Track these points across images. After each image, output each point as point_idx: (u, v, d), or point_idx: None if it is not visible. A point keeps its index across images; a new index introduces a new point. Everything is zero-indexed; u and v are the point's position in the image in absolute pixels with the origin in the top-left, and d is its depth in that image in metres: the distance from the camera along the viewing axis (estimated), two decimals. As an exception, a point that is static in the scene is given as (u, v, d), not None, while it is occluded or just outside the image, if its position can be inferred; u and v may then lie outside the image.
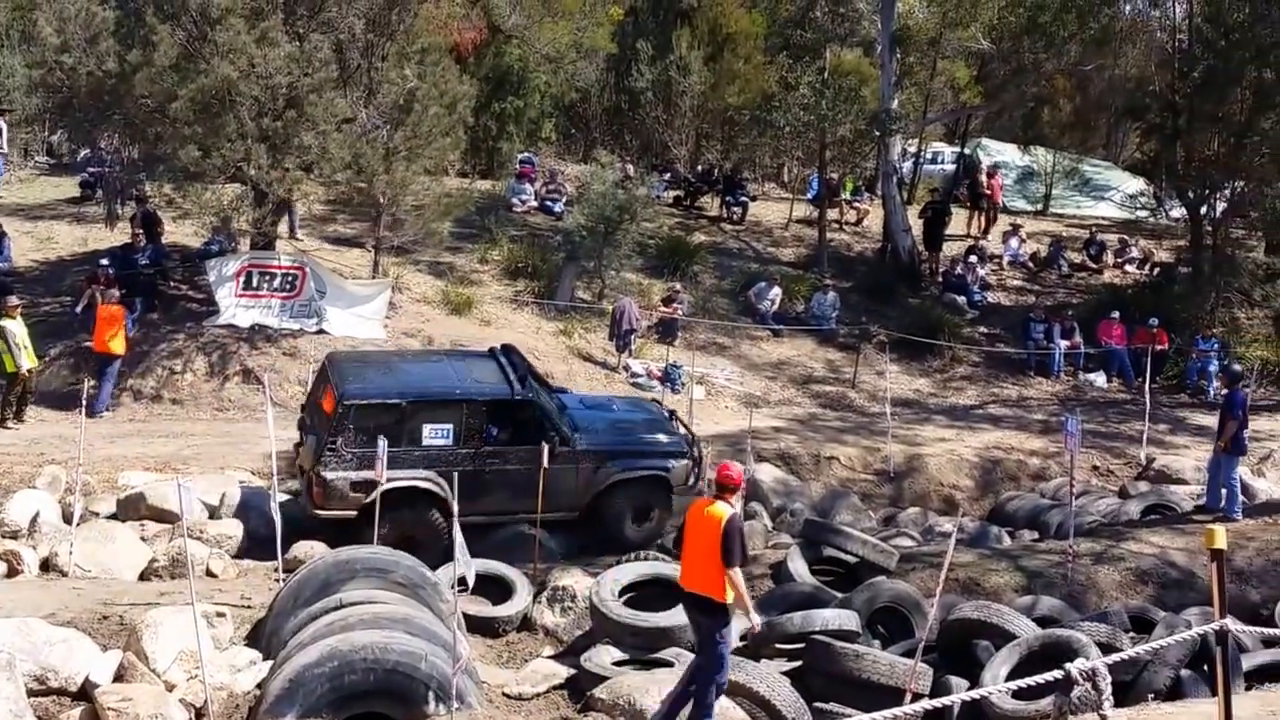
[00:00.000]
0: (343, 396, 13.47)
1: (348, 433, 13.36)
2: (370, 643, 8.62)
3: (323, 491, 13.37)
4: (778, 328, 24.64)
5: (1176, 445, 20.12)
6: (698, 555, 8.88)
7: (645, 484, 14.69)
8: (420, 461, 13.55)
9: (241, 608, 10.87)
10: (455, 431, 13.74)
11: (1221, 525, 8.35)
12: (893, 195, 27.78)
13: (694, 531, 8.98)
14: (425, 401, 13.77)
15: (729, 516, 8.75)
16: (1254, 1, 24.65)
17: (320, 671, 8.43)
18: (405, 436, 13.48)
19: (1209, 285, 25.70)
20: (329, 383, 13.99)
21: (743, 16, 31.64)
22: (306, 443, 14.04)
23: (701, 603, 8.83)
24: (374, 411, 13.47)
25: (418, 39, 21.42)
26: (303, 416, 14.97)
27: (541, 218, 27.77)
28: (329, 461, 13.33)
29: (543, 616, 12.25)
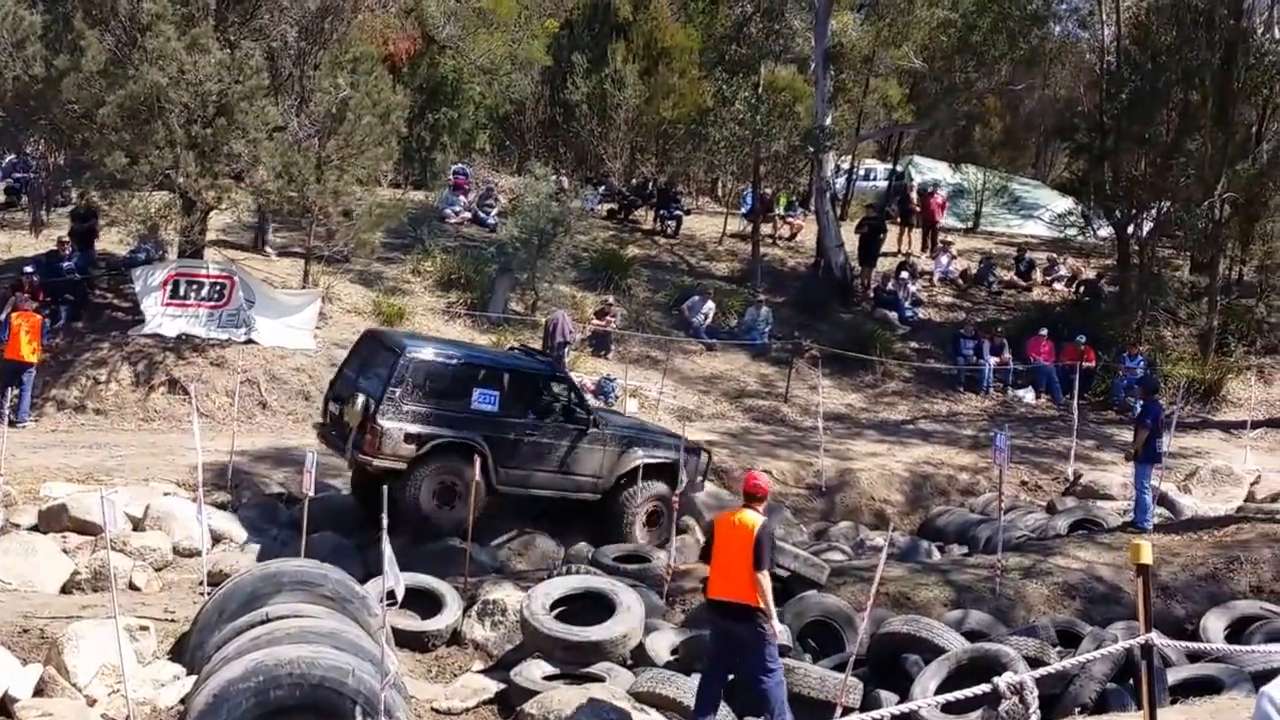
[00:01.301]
0: (404, 350, 14.08)
1: (406, 385, 13.88)
2: (296, 657, 8.44)
3: (377, 440, 13.70)
4: (711, 341, 24.68)
5: (1104, 461, 20.36)
6: (729, 564, 9.00)
7: (661, 474, 15.09)
8: (467, 423, 14.13)
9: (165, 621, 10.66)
10: (501, 398, 14.37)
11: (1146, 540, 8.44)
12: (826, 211, 27.97)
13: (724, 540, 9.09)
14: (477, 365, 14.64)
15: (761, 524, 8.97)
16: (1181, 24, 25.10)
17: (245, 686, 8.24)
18: (456, 397, 14.17)
19: (1135, 303, 26.10)
20: (383, 344, 14.69)
21: (678, 31, 31.79)
22: (354, 402, 14.09)
23: (736, 610, 8.96)
24: (432, 368, 14.15)
25: (351, 48, 21.25)
26: (333, 390, 15.23)
27: (475, 229, 27.64)
28: (386, 411, 13.73)
29: (473, 630, 12.11)
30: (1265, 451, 21.79)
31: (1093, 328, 25.03)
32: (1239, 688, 10.18)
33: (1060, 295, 29.01)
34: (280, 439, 17.74)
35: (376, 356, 14.62)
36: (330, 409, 15.01)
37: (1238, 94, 25.32)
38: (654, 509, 15.23)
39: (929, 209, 31.06)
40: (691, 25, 32.69)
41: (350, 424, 14.12)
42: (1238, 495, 18.75)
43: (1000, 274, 29.74)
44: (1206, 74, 24.98)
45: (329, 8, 20.72)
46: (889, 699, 10.30)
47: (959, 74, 28.62)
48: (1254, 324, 25.65)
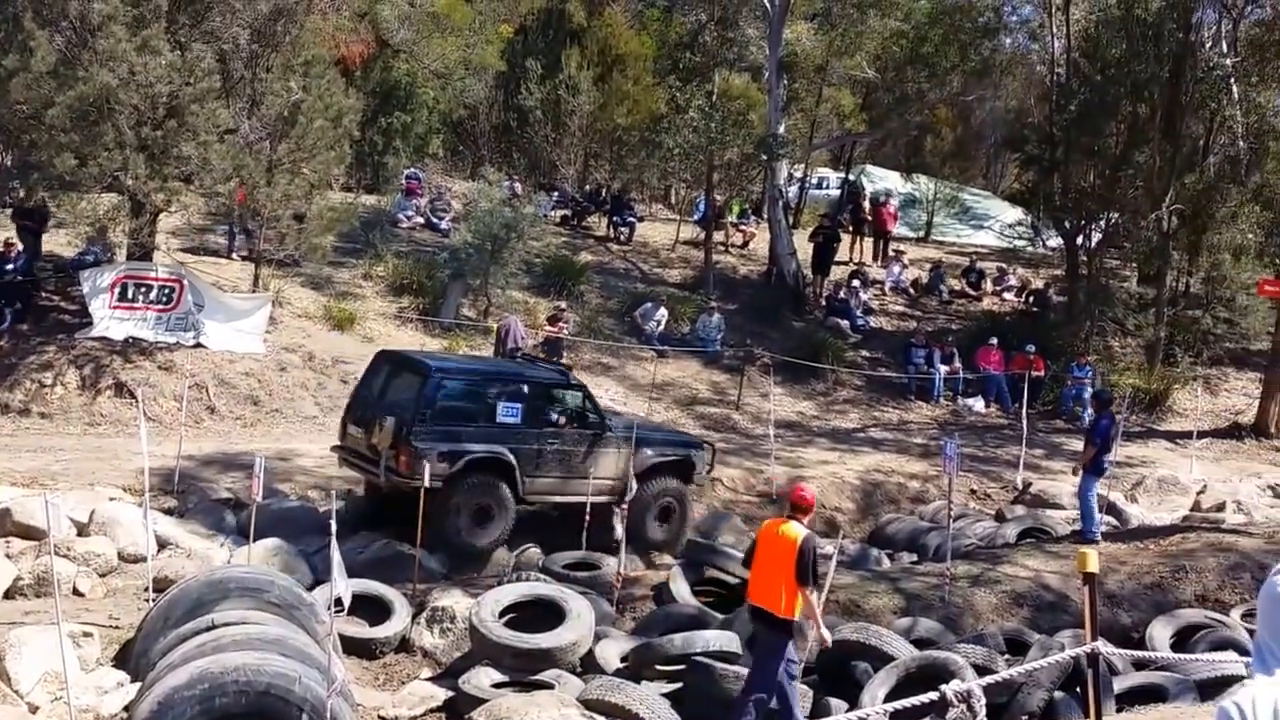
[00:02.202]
0: (432, 370, 14.52)
1: (436, 405, 14.27)
2: (242, 665, 8.37)
3: (412, 461, 13.87)
4: (663, 348, 24.68)
5: (1052, 470, 20.54)
6: (768, 571, 9.31)
7: (675, 470, 15.63)
8: (494, 437, 14.49)
9: (109, 628, 10.57)
10: (524, 410, 14.68)
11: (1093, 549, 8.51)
12: (779, 219, 28.07)
13: (766, 548, 9.42)
14: (501, 380, 15.16)
15: (804, 537, 9.21)
16: (1130, 38, 25.41)
17: (190, 694, 8.17)
18: (482, 412, 14.60)
19: (1084, 314, 26.37)
20: (406, 366, 15.09)
21: (632, 38, 31.81)
22: (383, 425, 14.28)
23: (766, 616, 9.28)
24: (459, 385, 14.77)
25: (303, 51, 21.09)
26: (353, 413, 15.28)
27: (427, 234, 27.50)
28: (419, 432, 14.00)
29: (421, 638, 12.04)
30: (1211, 461, 22.08)
31: (1042, 337, 25.26)
32: (1184, 696, 10.29)
33: (1010, 305, 29.25)
34: (228, 444, 17.57)
35: (400, 378, 14.98)
36: (350, 431, 15.10)
37: (1185, 107, 25.67)
38: (666, 505, 15.62)
39: (881, 218, 31.24)
40: (646, 33, 32.72)
41: (381, 446, 14.28)
42: (1183, 505, 18.97)
43: (951, 283, 29.94)
44: (1155, 87, 25.31)
45: (281, 10, 20.56)
46: (838, 707, 10.33)
47: (911, 84, 28.85)
48: (1200, 335, 25.97)
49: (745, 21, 29.11)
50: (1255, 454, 23.01)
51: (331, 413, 18.86)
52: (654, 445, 15.62)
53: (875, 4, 27.82)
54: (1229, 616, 12.72)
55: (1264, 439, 23.51)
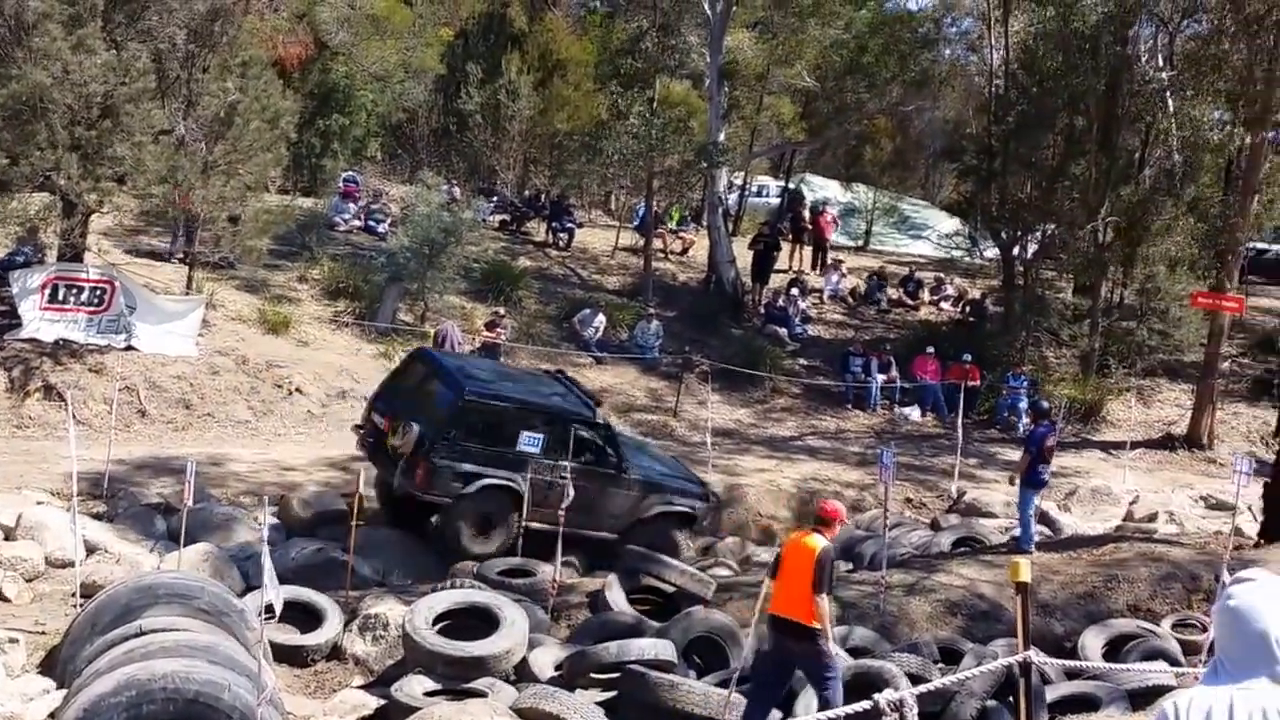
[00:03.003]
0: (465, 392, 14.51)
1: (462, 426, 14.38)
2: (170, 672, 8.22)
3: (428, 476, 14.13)
4: (601, 355, 24.61)
5: (987, 479, 20.69)
6: (792, 583, 9.44)
7: (677, 520, 15.70)
8: (511, 464, 14.57)
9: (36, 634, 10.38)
10: (545, 441, 14.70)
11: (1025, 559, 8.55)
12: (718, 226, 28.13)
13: (790, 561, 9.56)
14: (529, 409, 15.06)
15: (823, 548, 9.39)
16: (1067, 51, 25.67)
17: (117, 701, 8.02)
18: (505, 439, 14.64)
19: (1019, 324, 26.60)
20: (442, 376, 15.11)
21: (573, 43, 31.79)
22: (408, 431, 14.36)
23: (793, 628, 9.41)
24: (489, 410, 14.74)
25: (240, 52, 20.87)
26: (380, 402, 15.40)
27: (364, 237, 27.27)
28: (441, 450, 14.16)
29: (353, 645, 11.90)
30: (1143, 472, 22.34)
31: (978, 347, 25.43)
32: (1115, 705, 10.36)
33: (947, 315, 29.47)
34: (160, 448, 17.32)
35: (434, 387, 15.12)
36: (375, 418, 15.20)
37: (1122, 120, 25.99)
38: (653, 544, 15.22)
39: (820, 227, 31.38)
40: (587, 38, 32.70)
41: (401, 450, 14.39)
42: (1116, 515, 19.16)
43: (889, 292, 30.14)
44: (1092, 100, 25.58)
45: (218, 11, 20.32)
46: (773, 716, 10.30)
47: (850, 94, 29.03)
48: (1134, 346, 26.25)
49: (687, 29, 29.15)
50: (1187, 465, 23.31)
51: (265, 417, 18.64)
52: (663, 493, 15.68)
53: (816, 13, 27.96)
54: (1160, 626, 12.83)
55: (1196, 450, 23.80)
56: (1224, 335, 24.85)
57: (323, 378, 20.47)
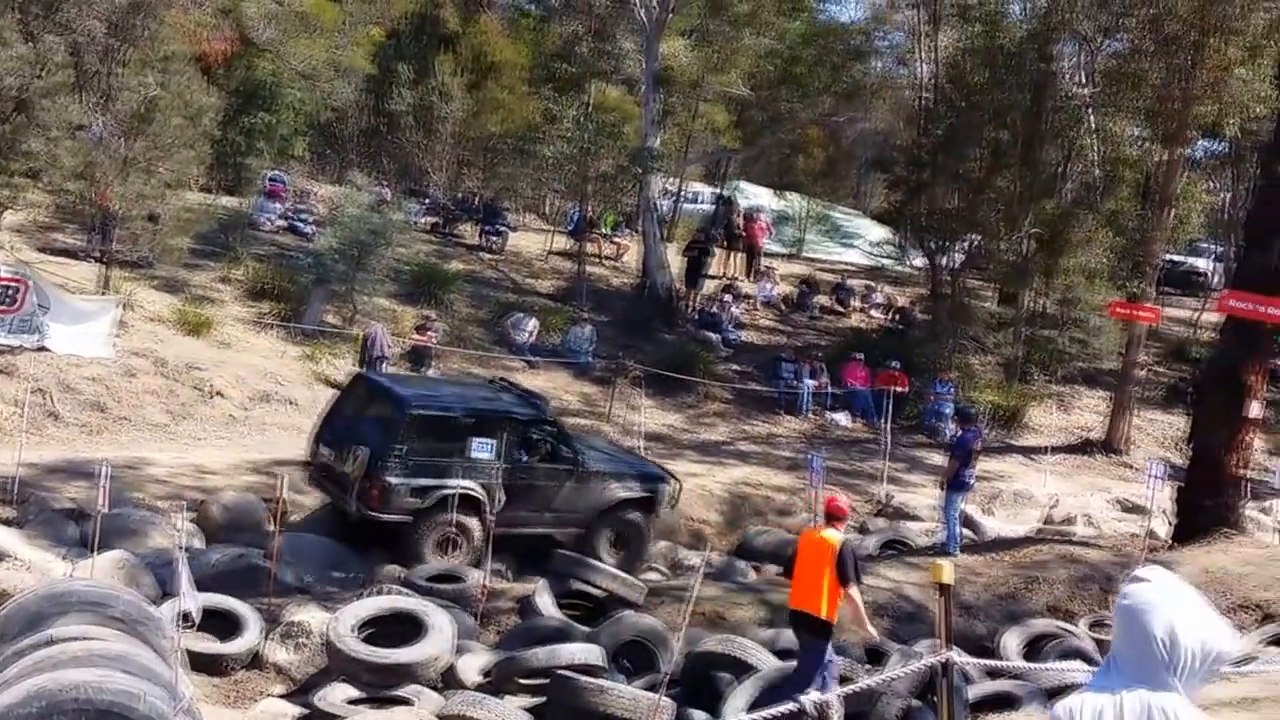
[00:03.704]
0: (408, 405, 14.46)
1: (410, 440, 14.20)
2: (82, 682, 7.97)
3: (382, 495, 14.00)
4: (533, 359, 24.49)
5: (913, 483, 20.84)
6: (808, 577, 9.74)
7: (641, 505, 15.73)
8: (466, 472, 14.47)
9: (-62, 645, 9.96)
10: (497, 446, 14.55)
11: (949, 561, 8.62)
12: (652, 232, 28.12)
13: (806, 555, 9.89)
14: (475, 415, 14.90)
15: (842, 542, 9.72)
16: (993, 66, 26.03)
17: (26, 713, 7.75)
18: (456, 448, 14.44)
19: (946, 332, 26.87)
20: (382, 395, 15.15)
21: (507, 46, 31.65)
22: (355, 455, 14.28)
23: (809, 620, 9.67)
24: (434, 421, 14.58)
25: (162, 46, 20.56)
26: (325, 433, 15.22)
27: (290, 238, 26.92)
28: (392, 467, 14.01)
29: (274, 653, 11.67)
30: (1062, 476, 22.64)
31: (905, 354, 25.67)
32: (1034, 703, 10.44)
33: (876, 322, 29.71)
34: (72, 451, 16.89)
35: (375, 407, 15.09)
36: (321, 451, 15.03)
37: (1044, 135, 26.38)
38: (622, 532, 15.60)
39: (752, 234, 31.51)
40: (521, 41, 32.56)
41: (352, 475, 14.27)
42: (1036, 518, 19.40)
43: (820, 300, 30.31)
44: (1016, 114, 25.94)
45: (139, 3, 20.06)
46: (701, 718, 10.27)
47: (783, 103, 29.20)
48: (1055, 354, 26.64)
49: (621, 34, 29.13)
50: (1104, 469, 23.69)
51: (183, 420, 18.29)
52: (623, 480, 15.72)
53: (750, 22, 28.04)
54: (1077, 626, 13.00)
55: (1112, 455, 24.22)
56: (1140, 344, 25.32)
57: (245, 381, 20.14)
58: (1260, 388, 14.98)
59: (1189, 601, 2.89)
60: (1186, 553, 14.27)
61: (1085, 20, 26.53)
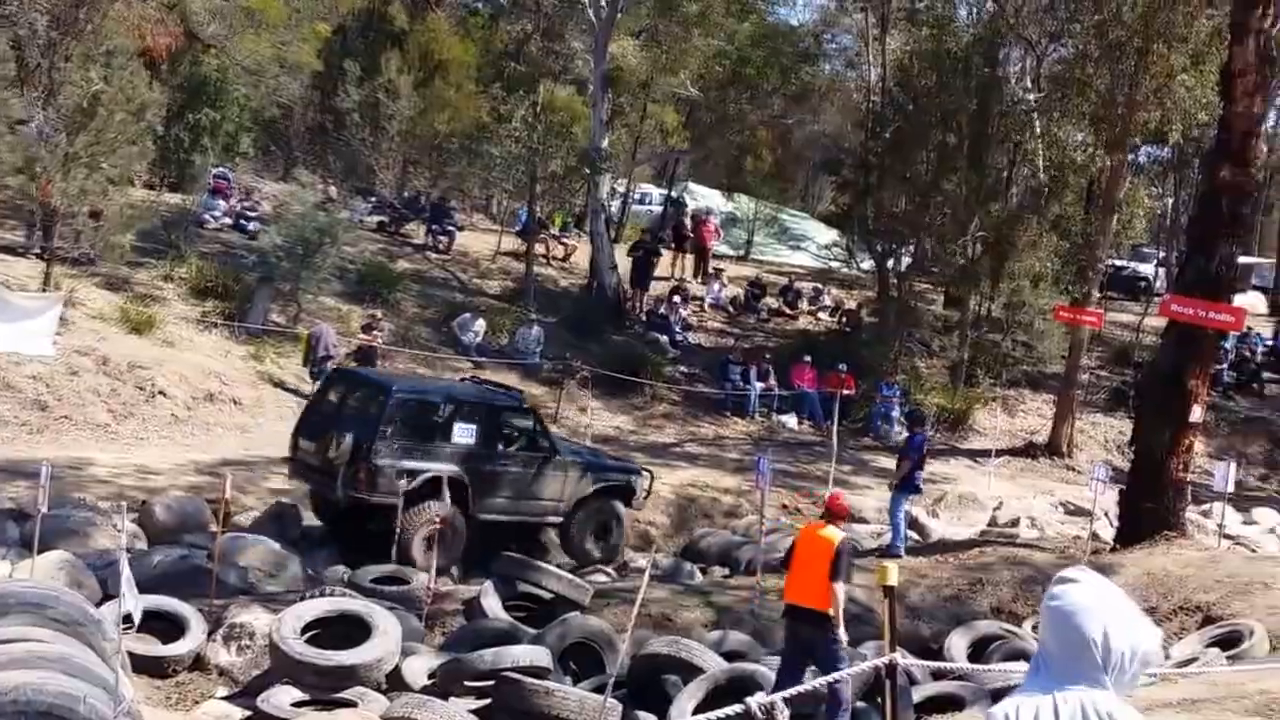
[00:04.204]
0: (393, 390, 14.89)
1: (396, 424, 14.57)
2: (22, 684, 7.84)
3: (372, 478, 14.25)
4: (480, 360, 24.37)
5: (860, 486, 20.95)
6: (807, 573, 9.95)
7: (615, 494, 16.32)
8: (450, 457, 14.88)
9: (-128, 648, 9.77)
10: (478, 431, 15.08)
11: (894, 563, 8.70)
12: (600, 233, 28.09)
13: (805, 551, 10.07)
14: (458, 402, 15.40)
15: (842, 539, 9.96)
16: (941, 70, 26.26)
17: (-35, 714, 7.64)
18: (439, 432, 14.92)
19: (893, 334, 27.06)
20: (366, 385, 15.68)
21: (456, 44, 31.48)
22: (341, 442, 14.59)
23: (810, 615, 9.89)
24: (419, 406, 15.09)
25: (106, 40, 20.28)
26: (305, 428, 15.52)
27: (235, 236, 26.62)
28: (380, 450, 14.30)
29: (217, 655, 11.55)
30: (1007, 479, 22.86)
31: (853, 356, 25.79)
32: (979, 704, 10.51)
33: (824, 324, 29.84)
34: (13, 451, 16.65)
35: (359, 396, 15.49)
36: (302, 446, 15.34)
37: (991, 139, 26.68)
38: (603, 522, 16.26)
39: (702, 235, 31.55)
40: (470, 39, 32.42)
41: (338, 463, 14.52)
42: (981, 520, 19.56)
43: (768, 301, 30.41)
44: (963, 119, 26.20)
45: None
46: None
47: (733, 104, 29.28)
48: (1000, 358, 26.90)
49: (571, 34, 29.11)
50: (1048, 472, 23.95)
51: (126, 420, 18.06)
52: (599, 471, 16.27)
53: (700, 23, 28.11)
54: (1021, 628, 13.09)
55: (1056, 458, 24.50)
56: (1084, 348, 25.62)
57: (188, 380, 19.91)
58: (1202, 392, 15.11)
59: (1119, 603, 2.89)
60: (1129, 555, 14.43)
61: (1031, 26, 26.88)
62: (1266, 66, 14.72)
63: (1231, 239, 14.95)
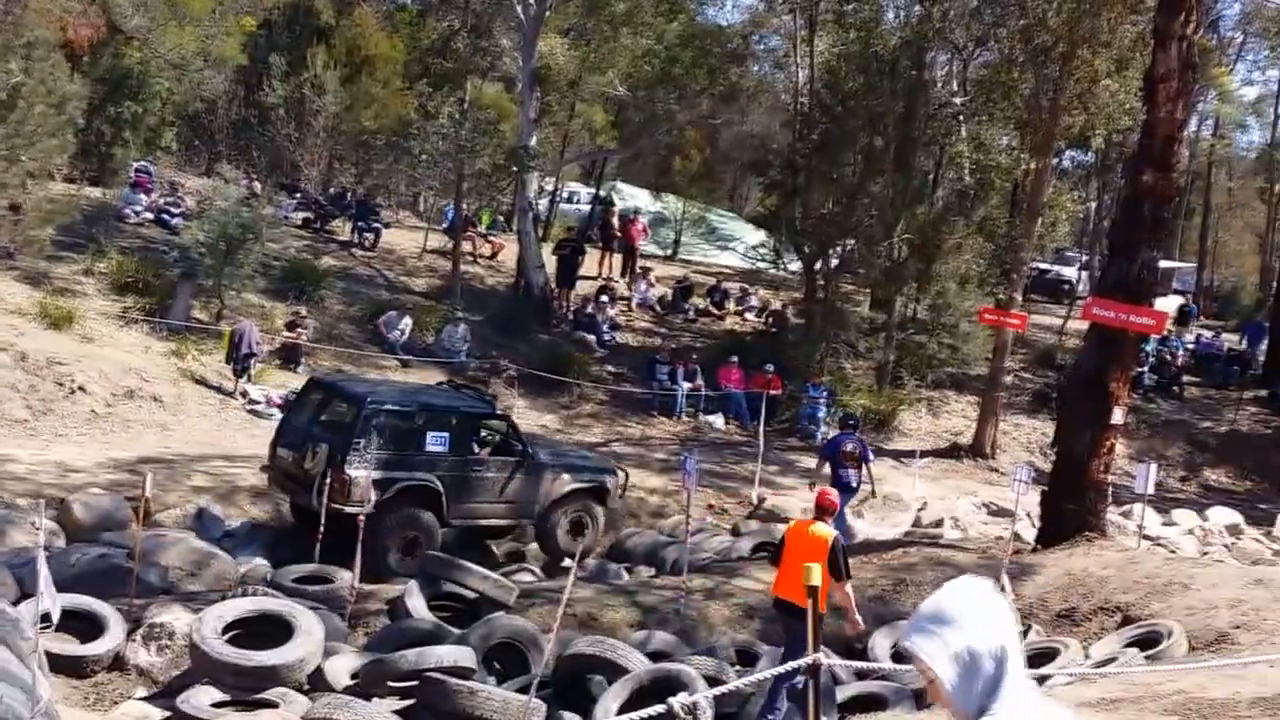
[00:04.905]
0: (366, 400, 15.01)
1: (370, 434, 14.65)
2: (-66, 684, 7.68)
3: (346, 487, 14.36)
4: (406, 358, 24.22)
5: (785, 486, 21.07)
6: (797, 569, 9.69)
7: (590, 494, 16.54)
8: (423, 465, 15.07)
9: None
10: (451, 439, 15.27)
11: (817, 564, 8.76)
12: (528, 231, 28.01)
13: (795, 547, 10.20)
14: (431, 410, 15.63)
15: (835, 536, 10.09)
16: (868, 73, 26.46)
17: (-126, 717, 7.45)
18: (413, 441, 15.09)
19: (819, 336, 27.22)
20: (340, 395, 15.79)
21: (383, 40, 31.27)
22: (316, 452, 14.84)
23: (797, 610, 9.60)
24: (392, 416, 15.19)
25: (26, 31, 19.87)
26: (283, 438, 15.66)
27: (157, 231, 26.22)
28: (353, 460, 14.39)
29: (137, 655, 11.37)
30: (931, 480, 23.09)
31: (780, 357, 25.92)
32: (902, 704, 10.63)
33: (751, 325, 29.98)
34: (-76, 449, 16.25)
35: (333, 406, 15.72)
36: (280, 454, 15.53)
37: (917, 141, 26.93)
38: (578, 519, 16.44)
39: (630, 235, 31.58)
40: (397, 35, 32.19)
41: (313, 472, 14.73)
42: (905, 521, 19.73)
43: (696, 302, 30.50)
44: (890, 121, 26.41)
45: (2, -14, 19.32)
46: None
47: (661, 104, 29.28)
48: (925, 359, 27.15)
49: (499, 31, 28.99)
50: (971, 473, 24.23)
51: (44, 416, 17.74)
52: (573, 471, 16.43)
53: (628, 22, 28.10)
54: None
55: (980, 459, 24.81)
56: (1008, 350, 25.95)
57: (108, 376, 19.57)
58: (1123, 394, 15.27)
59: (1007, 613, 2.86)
60: (1050, 556, 14.62)
61: (958, 30, 27.17)
62: (1189, 72, 14.92)
63: (1153, 243, 15.07)
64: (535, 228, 28.82)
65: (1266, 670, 9.41)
